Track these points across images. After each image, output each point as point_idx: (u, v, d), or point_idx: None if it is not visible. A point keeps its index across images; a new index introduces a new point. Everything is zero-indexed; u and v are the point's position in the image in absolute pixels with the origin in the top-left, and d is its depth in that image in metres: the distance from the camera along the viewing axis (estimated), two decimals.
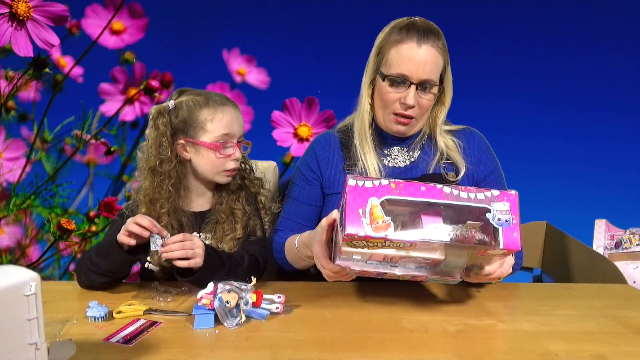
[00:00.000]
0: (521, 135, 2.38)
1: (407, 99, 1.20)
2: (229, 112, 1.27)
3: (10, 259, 1.95)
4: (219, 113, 1.25)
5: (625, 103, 2.38)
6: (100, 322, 1.02)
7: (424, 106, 1.23)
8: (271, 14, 2.34)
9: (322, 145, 1.37)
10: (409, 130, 1.27)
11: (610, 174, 2.37)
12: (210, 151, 1.25)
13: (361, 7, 2.21)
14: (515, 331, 1.01)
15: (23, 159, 1.87)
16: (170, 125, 1.25)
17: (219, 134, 1.25)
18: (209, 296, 1.00)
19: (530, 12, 2.36)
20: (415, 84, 1.19)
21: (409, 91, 1.20)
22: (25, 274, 0.73)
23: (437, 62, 1.20)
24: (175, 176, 1.26)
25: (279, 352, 0.91)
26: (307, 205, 1.35)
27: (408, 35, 1.19)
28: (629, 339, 0.99)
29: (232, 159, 1.27)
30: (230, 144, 1.27)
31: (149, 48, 2.03)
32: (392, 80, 1.21)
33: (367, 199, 0.91)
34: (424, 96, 1.22)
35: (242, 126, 1.31)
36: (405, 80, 1.20)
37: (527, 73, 2.41)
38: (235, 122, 1.28)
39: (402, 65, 1.19)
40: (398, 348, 0.94)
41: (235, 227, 1.29)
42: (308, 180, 1.36)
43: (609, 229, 1.81)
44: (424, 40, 1.19)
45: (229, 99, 1.31)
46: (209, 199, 1.34)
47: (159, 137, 1.25)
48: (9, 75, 1.68)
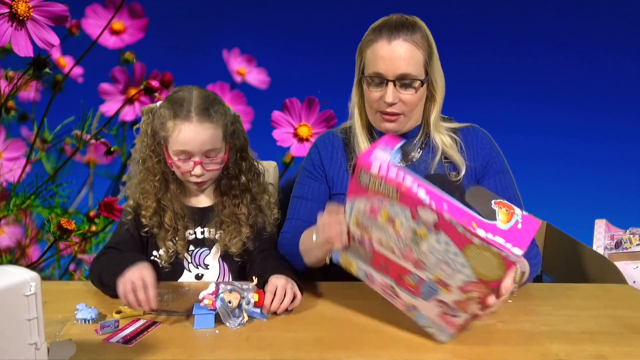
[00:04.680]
0: (521, 135, 2.38)
1: (385, 97, 1.20)
2: (190, 129, 1.20)
3: (10, 259, 1.95)
4: (176, 129, 1.21)
5: (625, 103, 2.38)
6: (90, 324, 1.02)
7: (409, 101, 1.22)
8: (271, 14, 2.34)
9: (326, 145, 1.37)
10: (399, 127, 1.26)
11: (610, 174, 2.37)
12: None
13: (361, 7, 2.21)
14: (515, 331, 1.01)
15: (23, 159, 1.87)
16: (152, 125, 1.27)
17: (176, 149, 1.23)
18: (211, 296, 1.00)
19: (530, 12, 2.36)
20: (392, 81, 1.19)
21: (387, 89, 1.20)
22: (25, 274, 0.73)
23: (412, 55, 1.19)
24: (159, 173, 1.28)
25: (279, 352, 0.91)
26: (315, 203, 1.32)
27: (380, 34, 1.20)
28: (628, 339, 0.99)
29: (192, 174, 1.24)
30: (187, 161, 1.23)
31: (149, 48, 2.03)
32: (369, 80, 1.22)
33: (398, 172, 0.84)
34: (406, 92, 1.21)
35: (212, 141, 1.22)
36: (381, 78, 1.20)
37: (527, 73, 2.40)
38: (194, 140, 1.20)
39: (376, 64, 1.20)
40: (398, 348, 0.94)
41: (240, 230, 1.30)
42: (315, 177, 1.35)
43: (609, 229, 1.81)
44: (394, 36, 1.18)
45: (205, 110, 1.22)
46: (210, 195, 1.34)
47: (142, 135, 1.29)
48: (9, 75, 1.68)
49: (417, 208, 0.83)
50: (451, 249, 0.83)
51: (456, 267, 0.85)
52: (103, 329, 0.99)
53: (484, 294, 0.86)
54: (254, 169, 1.37)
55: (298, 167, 1.45)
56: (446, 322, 0.94)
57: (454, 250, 0.83)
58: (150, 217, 1.28)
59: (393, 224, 0.88)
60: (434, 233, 0.84)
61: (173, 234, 1.29)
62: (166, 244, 1.28)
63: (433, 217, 0.82)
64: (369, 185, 0.87)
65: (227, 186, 1.32)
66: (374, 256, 0.96)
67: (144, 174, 1.29)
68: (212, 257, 1.31)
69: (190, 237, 1.31)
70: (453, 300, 0.90)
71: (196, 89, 1.27)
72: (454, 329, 0.94)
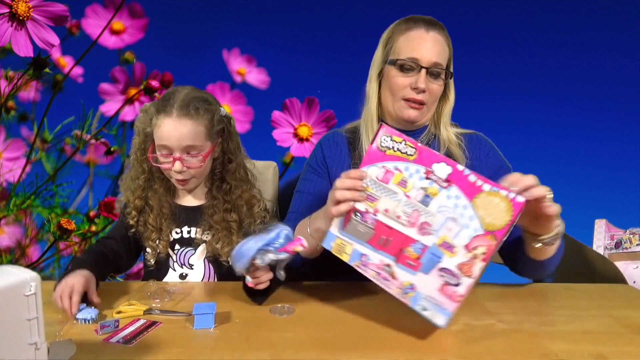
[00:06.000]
0: (521, 135, 2.38)
1: (418, 82, 1.22)
2: (169, 124, 1.20)
3: (10, 259, 1.95)
4: (158, 123, 1.22)
5: (625, 103, 2.38)
6: (90, 324, 1.02)
7: (434, 92, 1.25)
8: (271, 14, 2.34)
9: (330, 143, 1.38)
10: (420, 117, 1.27)
11: (610, 174, 2.37)
12: None
13: (361, 7, 2.21)
14: (515, 331, 1.01)
15: (23, 159, 1.87)
16: (143, 124, 1.28)
17: (158, 144, 1.23)
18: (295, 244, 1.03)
19: (530, 12, 2.36)
20: (426, 68, 1.22)
21: (419, 75, 1.22)
22: (25, 274, 0.73)
23: (444, 48, 1.24)
24: (146, 171, 1.30)
25: (279, 352, 0.91)
26: (317, 198, 1.32)
27: (415, 24, 1.24)
28: (629, 339, 0.99)
29: (173, 170, 1.23)
30: (168, 157, 1.23)
31: (149, 48, 2.03)
32: (402, 65, 1.23)
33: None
34: (434, 82, 1.24)
35: (191, 136, 1.21)
36: (416, 63, 1.22)
37: (527, 73, 2.41)
38: (172, 135, 1.20)
39: (413, 49, 1.23)
40: (398, 348, 0.94)
41: (231, 238, 1.30)
42: (317, 172, 1.36)
43: (609, 229, 1.81)
44: (431, 28, 1.23)
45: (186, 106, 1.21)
46: (200, 196, 1.34)
47: (135, 134, 1.31)
48: (9, 75, 1.68)
49: (432, 165, 0.94)
50: (460, 202, 0.92)
51: (464, 221, 0.92)
52: (103, 329, 0.99)
53: (489, 249, 0.91)
54: (244, 173, 1.35)
55: (298, 167, 1.45)
56: (447, 296, 0.94)
57: (463, 203, 0.92)
58: (135, 216, 1.30)
59: (405, 186, 0.96)
60: (445, 189, 0.93)
61: (157, 234, 1.30)
62: (150, 244, 1.30)
63: (447, 170, 0.93)
64: (387, 149, 0.96)
65: (217, 189, 1.32)
66: (376, 229, 0.98)
67: (133, 171, 1.32)
68: (197, 258, 1.31)
69: (176, 235, 1.31)
70: (457, 264, 0.92)
71: (189, 88, 1.27)
72: (454, 304, 0.94)
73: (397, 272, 0.97)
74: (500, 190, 0.89)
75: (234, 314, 1.07)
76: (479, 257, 0.91)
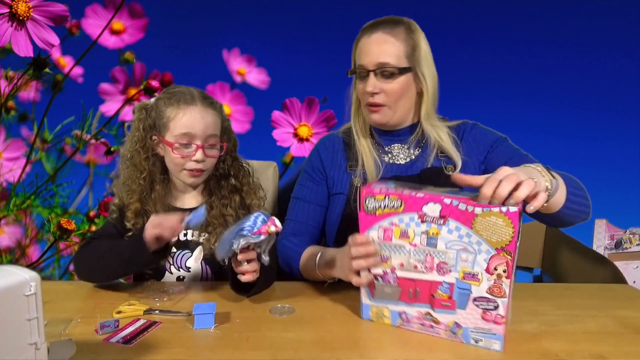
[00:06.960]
0: (521, 135, 2.37)
1: (367, 86, 1.24)
2: (193, 112, 1.24)
3: (10, 259, 1.95)
4: (181, 112, 1.24)
5: (625, 103, 2.38)
6: (203, 220, 1.10)
7: (392, 91, 1.24)
8: (271, 14, 2.34)
9: (326, 147, 1.39)
10: (384, 118, 1.27)
11: (610, 174, 2.37)
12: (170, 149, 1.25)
13: (361, 7, 2.21)
14: (515, 331, 1.01)
15: (23, 159, 1.88)
16: (145, 121, 1.27)
17: (178, 132, 1.24)
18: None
19: (530, 12, 2.36)
20: (372, 70, 1.23)
21: (368, 79, 1.24)
22: (25, 274, 0.72)
23: (390, 45, 1.23)
24: (146, 171, 1.28)
25: (279, 352, 0.91)
26: (314, 205, 1.36)
27: (363, 32, 1.27)
28: (629, 339, 0.99)
29: (192, 159, 1.25)
30: (189, 144, 1.24)
31: (149, 48, 2.03)
32: (356, 74, 1.28)
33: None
34: (388, 81, 1.23)
35: (213, 126, 1.27)
36: (364, 69, 1.24)
37: (527, 73, 2.40)
38: (198, 122, 1.23)
39: (359, 56, 1.26)
40: (398, 348, 0.94)
41: None
42: (315, 179, 1.37)
43: (609, 229, 1.81)
44: (374, 30, 1.24)
45: (206, 97, 1.28)
46: (196, 196, 1.34)
47: (134, 131, 1.29)
48: (9, 75, 1.68)
49: (422, 208, 0.93)
50: (463, 232, 0.91)
51: (474, 248, 0.91)
52: (103, 329, 0.99)
53: (508, 265, 0.90)
54: (244, 169, 1.37)
55: (298, 167, 1.46)
56: (491, 322, 0.94)
57: (465, 232, 0.91)
58: (133, 219, 1.27)
59: (407, 237, 0.96)
60: (444, 225, 0.92)
61: None
62: None
63: (437, 208, 0.92)
64: (376, 210, 0.97)
65: (216, 186, 1.33)
66: (401, 285, 0.99)
67: (131, 171, 1.29)
68: (194, 260, 1.31)
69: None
70: (486, 289, 0.92)
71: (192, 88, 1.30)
72: (500, 326, 0.94)
73: (437, 317, 0.98)
74: (490, 209, 0.88)
75: (234, 314, 1.07)
76: (503, 275, 0.91)
